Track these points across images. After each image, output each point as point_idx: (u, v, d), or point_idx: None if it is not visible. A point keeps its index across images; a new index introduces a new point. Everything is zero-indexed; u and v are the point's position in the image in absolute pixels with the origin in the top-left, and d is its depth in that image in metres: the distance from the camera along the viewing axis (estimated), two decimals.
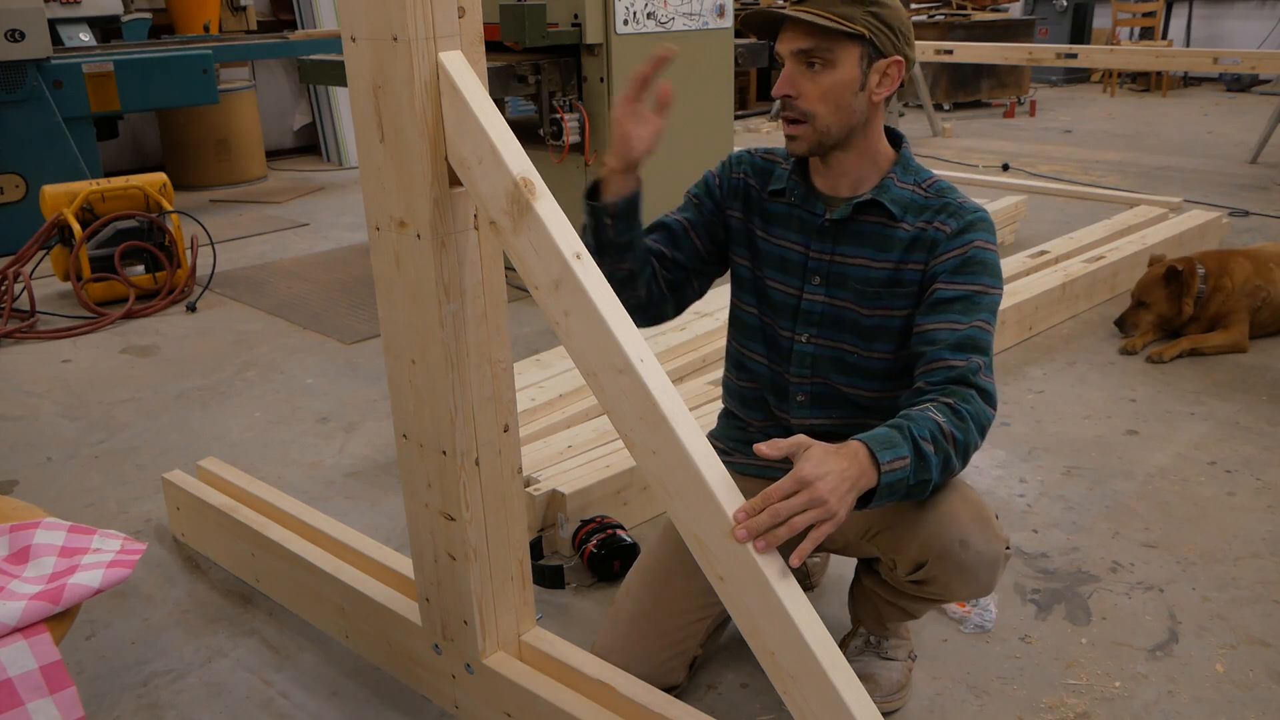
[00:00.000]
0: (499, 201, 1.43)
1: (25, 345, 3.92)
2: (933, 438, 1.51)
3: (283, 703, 1.94)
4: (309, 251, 5.25)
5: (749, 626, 1.36)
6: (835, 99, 1.63)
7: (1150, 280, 3.63)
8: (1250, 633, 2.07)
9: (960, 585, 1.67)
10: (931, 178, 1.74)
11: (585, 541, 2.28)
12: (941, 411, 1.54)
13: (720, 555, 1.35)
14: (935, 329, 1.64)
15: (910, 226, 1.69)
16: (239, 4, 7.54)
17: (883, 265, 1.71)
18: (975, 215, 1.69)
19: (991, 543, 1.65)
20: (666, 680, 1.83)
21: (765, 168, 1.84)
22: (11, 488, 2.81)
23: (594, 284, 1.39)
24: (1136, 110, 9.40)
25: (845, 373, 1.77)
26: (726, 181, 1.86)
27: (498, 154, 1.41)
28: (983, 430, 1.58)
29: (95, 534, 1.69)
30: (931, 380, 1.61)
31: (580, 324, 1.40)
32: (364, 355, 3.74)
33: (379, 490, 2.74)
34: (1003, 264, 3.95)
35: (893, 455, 1.45)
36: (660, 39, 4.10)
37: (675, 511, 1.39)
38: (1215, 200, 5.69)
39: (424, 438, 1.64)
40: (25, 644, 1.45)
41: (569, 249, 1.40)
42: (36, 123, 5.03)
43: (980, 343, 1.62)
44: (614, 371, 1.38)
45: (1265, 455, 2.82)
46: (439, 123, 1.46)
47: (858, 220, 1.72)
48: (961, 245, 1.66)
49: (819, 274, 1.75)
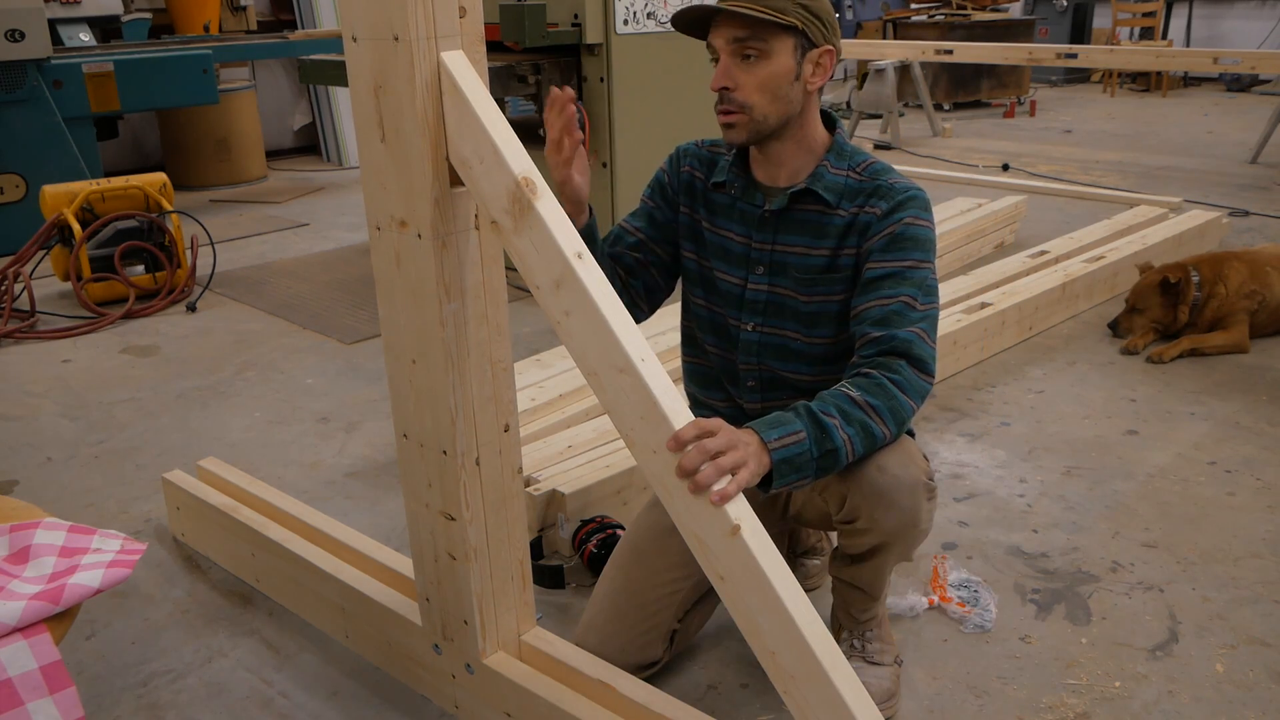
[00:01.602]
0: (500, 200, 1.43)
1: (25, 345, 3.92)
2: (839, 410, 1.56)
3: (283, 703, 1.94)
4: (309, 251, 5.25)
5: (749, 626, 1.36)
6: (772, 89, 1.68)
7: (1145, 286, 3.63)
8: (1250, 633, 2.08)
9: (883, 513, 1.68)
10: (866, 160, 1.78)
11: (585, 541, 2.28)
12: (855, 384, 1.61)
13: (721, 555, 1.35)
14: (866, 308, 1.70)
15: (845, 212, 1.74)
16: (239, 4, 7.54)
17: (820, 252, 1.76)
18: (906, 194, 1.72)
19: (908, 467, 1.67)
20: (645, 655, 1.87)
21: (710, 158, 1.89)
22: (11, 488, 2.81)
23: (595, 283, 1.39)
24: (1136, 110, 9.40)
25: (788, 359, 1.83)
26: (676, 178, 1.91)
27: (499, 153, 1.41)
28: (918, 394, 1.63)
29: (95, 534, 1.68)
30: (863, 354, 1.67)
31: (581, 323, 1.40)
32: (364, 355, 3.74)
33: (379, 490, 2.74)
34: (1003, 264, 4.02)
35: (781, 432, 1.50)
36: (660, 39, 4.11)
37: (675, 510, 1.39)
38: (1215, 200, 5.69)
39: (424, 437, 1.64)
40: (25, 644, 1.45)
41: (570, 248, 1.40)
42: (36, 123, 5.03)
43: (909, 315, 1.66)
44: (615, 371, 1.38)
45: (1265, 455, 2.82)
46: (440, 122, 1.46)
47: (795, 209, 1.77)
48: (891, 224, 1.70)
49: (762, 264, 1.81)
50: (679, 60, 4.21)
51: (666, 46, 4.14)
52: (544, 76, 4.00)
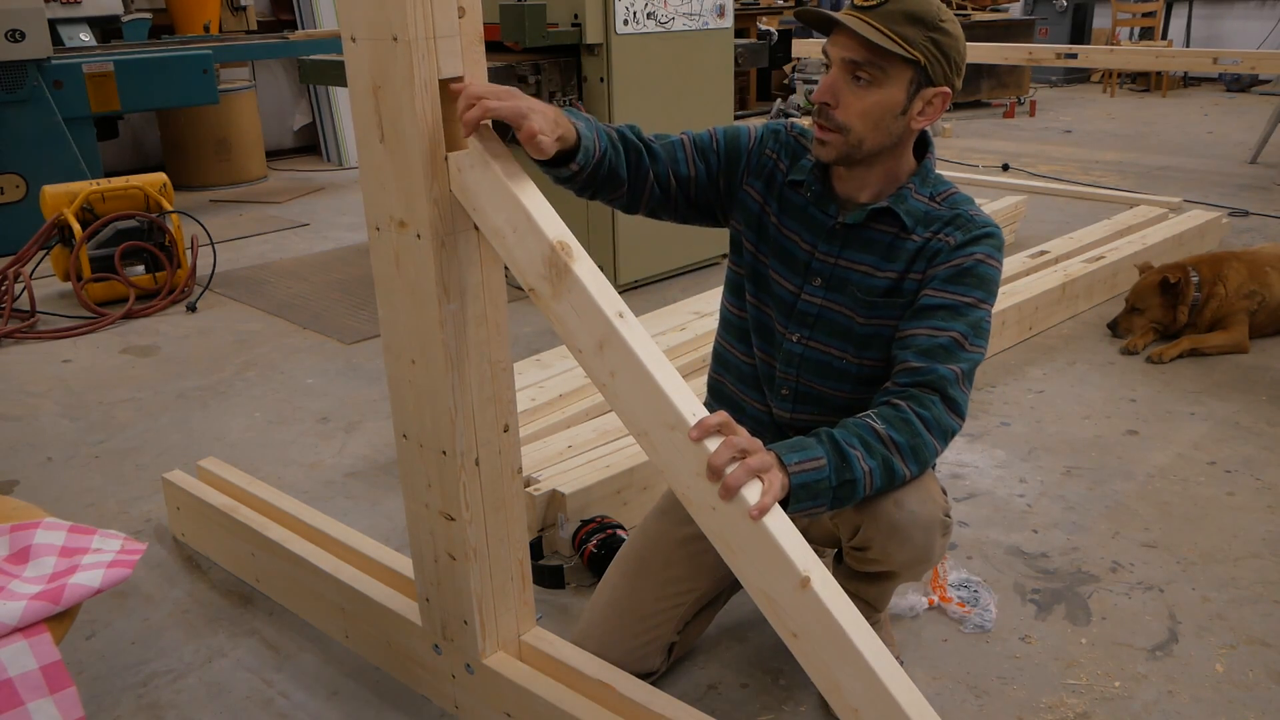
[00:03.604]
0: (536, 267, 1.42)
1: (25, 345, 3.92)
2: (862, 442, 1.51)
3: (283, 703, 1.94)
4: (309, 251, 5.25)
5: (828, 683, 1.30)
6: (875, 118, 1.61)
7: (1145, 286, 3.63)
8: (1250, 633, 2.07)
9: (896, 548, 1.65)
10: (948, 190, 1.73)
11: (585, 541, 2.28)
12: (882, 415, 1.55)
13: (793, 610, 1.30)
14: (913, 333, 1.64)
15: (919, 238, 1.68)
16: (239, 4, 7.53)
17: (886, 275, 1.70)
18: (984, 230, 1.67)
19: (926, 504, 1.64)
20: (643, 666, 1.85)
21: (796, 149, 1.81)
22: (11, 488, 2.81)
23: (639, 341, 1.37)
24: (1136, 110, 9.40)
25: (828, 376, 1.76)
26: (756, 157, 1.81)
27: (532, 220, 1.40)
28: (943, 435, 1.58)
29: (95, 534, 1.69)
30: (898, 381, 1.61)
31: (628, 384, 1.38)
32: (364, 355, 3.74)
33: (379, 490, 2.74)
34: (1003, 264, 4.01)
35: (801, 457, 1.45)
36: (660, 39, 4.11)
37: (740, 568, 1.34)
38: (1215, 200, 5.69)
39: (424, 438, 1.64)
40: (25, 644, 1.45)
41: (611, 309, 1.37)
42: (37, 123, 5.03)
43: (955, 353, 1.60)
44: (666, 429, 1.36)
45: (1265, 455, 2.82)
46: (439, 123, 1.46)
47: (869, 227, 1.71)
48: (962, 256, 1.65)
49: (821, 276, 1.74)
50: (679, 60, 4.21)
51: (666, 46, 4.14)
52: (544, 77, 4.01)
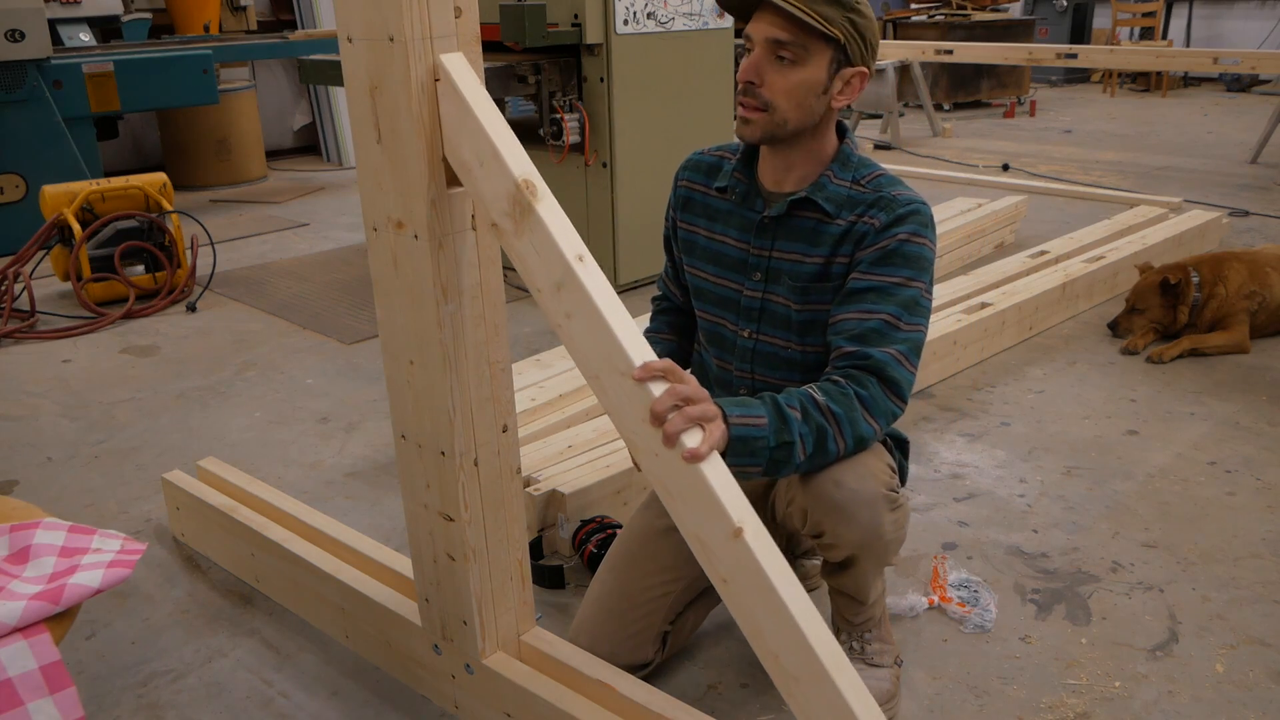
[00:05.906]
0: (500, 203, 1.43)
1: (25, 345, 3.92)
2: (801, 406, 1.56)
3: (283, 703, 1.94)
4: (309, 251, 5.25)
5: (752, 628, 1.36)
6: (798, 97, 1.66)
7: (1145, 287, 3.63)
8: (1250, 633, 2.07)
9: (844, 528, 1.66)
10: (871, 172, 1.75)
11: (585, 541, 2.28)
12: (823, 389, 1.60)
13: (723, 557, 1.35)
14: (844, 318, 1.68)
15: (843, 222, 1.72)
16: (239, 4, 7.54)
17: (813, 260, 1.74)
18: (908, 208, 1.70)
19: (865, 480, 1.65)
20: (636, 656, 1.87)
21: (714, 164, 1.89)
22: (11, 488, 2.81)
23: (596, 285, 1.39)
24: (1136, 110, 9.39)
25: (778, 367, 1.82)
26: (675, 202, 1.93)
27: (500, 155, 1.41)
28: (882, 415, 1.62)
29: (95, 534, 1.68)
30: (836, 365, 1.66)
31: (582, 326, 1.40)
32: (364, 355, 3.74)
33: (379, 490, 2.74)
34: (1003, 264, 4.01)
35: (743, 412, 1.49)
36: (660, 39, 4.11)
37: (677, 513, 1.39)
38: (1215, 200, 5.69)
39: (423, 438, 1.64)
40: (25, 644, 1.45)
41: (571, 250, 1.39)
42: (36, 123, 5.03)
43: (889, 335, 1.64)
44: (617, 374, 1.38)
45: (1265, 455, 2.82)
46: (436, 123, 1.46)
47: (793, 216, 1.76)
48: (886, 238, 1.68)
49: (759, 269, 1.80)
50: (679, 60, 4.21)
51: (666, 46, 4.14)
52: (544, 77, 4.01)
